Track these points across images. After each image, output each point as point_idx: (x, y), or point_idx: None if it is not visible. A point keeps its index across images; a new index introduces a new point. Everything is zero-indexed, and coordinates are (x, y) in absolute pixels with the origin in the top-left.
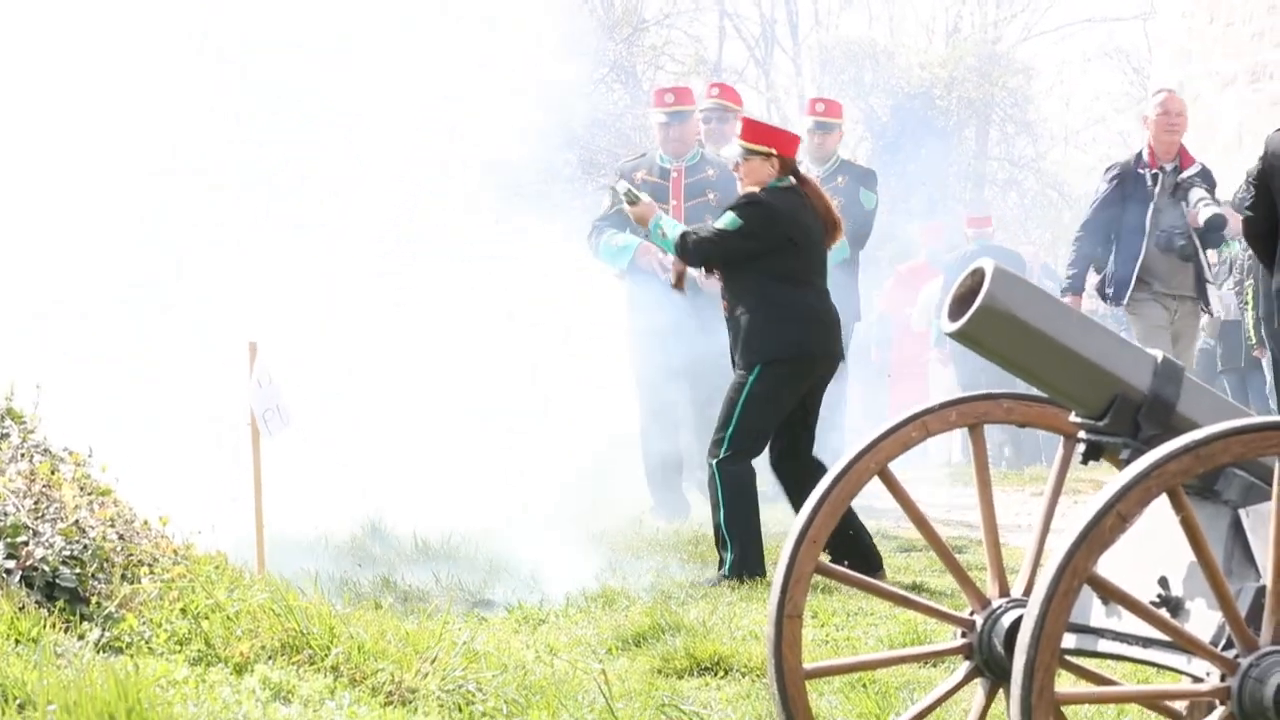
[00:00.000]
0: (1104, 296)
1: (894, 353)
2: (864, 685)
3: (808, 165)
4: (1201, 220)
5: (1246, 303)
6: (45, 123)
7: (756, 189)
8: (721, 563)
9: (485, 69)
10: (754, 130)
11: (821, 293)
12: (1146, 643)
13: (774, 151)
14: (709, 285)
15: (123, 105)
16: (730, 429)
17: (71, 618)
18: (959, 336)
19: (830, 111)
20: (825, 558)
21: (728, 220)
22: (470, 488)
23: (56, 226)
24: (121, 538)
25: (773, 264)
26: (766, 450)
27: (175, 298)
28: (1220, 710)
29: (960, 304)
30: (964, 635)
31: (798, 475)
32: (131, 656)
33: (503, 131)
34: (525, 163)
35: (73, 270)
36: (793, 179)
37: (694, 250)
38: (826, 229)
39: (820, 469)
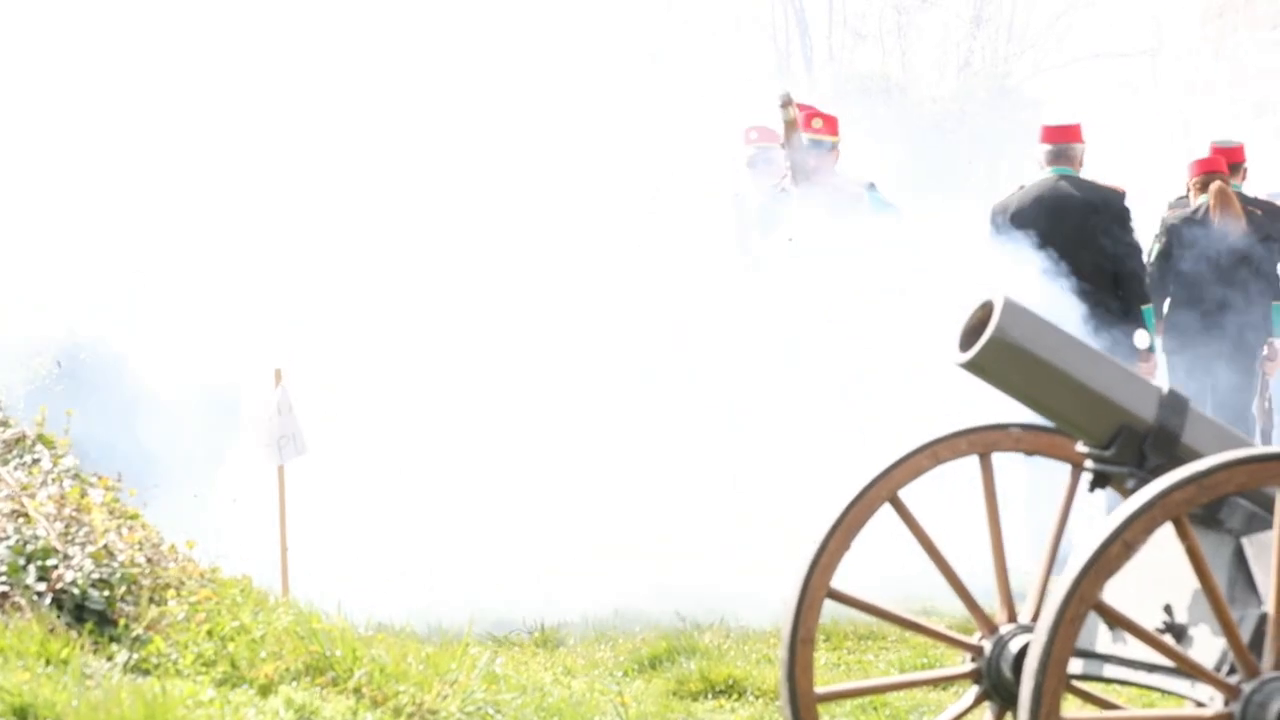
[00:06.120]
0: None
1: None
2: (875, 708)
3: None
4: None
5: None
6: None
7: None
8: None
9: (547, 84)
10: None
11: None
12: (1151, 668)
13: None
14: None
15: (155, 116)
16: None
17: (100, 639)
18: (969, 367)
19: (828, 128)
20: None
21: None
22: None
23: (86, 251)
24: (149, 561)
25: None
26: None
27: (206, 322)
28: None
29: (970, 335)
30: (973, 660)
31: None
32: (159, 678)
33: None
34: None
35: (104, 298)
36: None
37: None
38: None
39: None
